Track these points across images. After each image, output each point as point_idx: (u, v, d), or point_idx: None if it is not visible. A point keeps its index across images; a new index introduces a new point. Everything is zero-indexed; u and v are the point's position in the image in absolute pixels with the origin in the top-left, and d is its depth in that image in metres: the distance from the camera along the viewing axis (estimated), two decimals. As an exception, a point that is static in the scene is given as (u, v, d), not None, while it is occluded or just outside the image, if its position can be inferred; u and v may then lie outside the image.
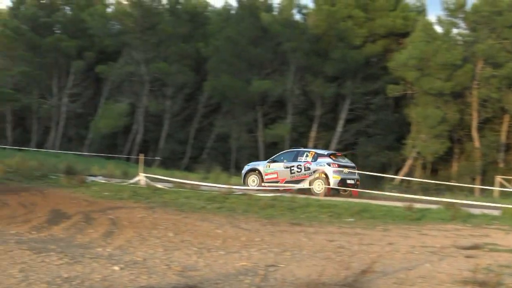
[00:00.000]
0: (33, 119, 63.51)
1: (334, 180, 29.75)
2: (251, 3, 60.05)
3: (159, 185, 28.67)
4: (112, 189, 26.41)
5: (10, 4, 69.87)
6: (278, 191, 29.58)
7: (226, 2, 63.75)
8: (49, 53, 61.22)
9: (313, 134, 57.13)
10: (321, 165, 29.97)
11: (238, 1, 61.12)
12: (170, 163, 54.10)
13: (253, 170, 31.69)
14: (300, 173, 30.24)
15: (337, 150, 47.29)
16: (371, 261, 12.37)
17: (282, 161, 31.09)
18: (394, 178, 47.55)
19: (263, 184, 30.97)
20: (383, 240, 16.63)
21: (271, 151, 56.01)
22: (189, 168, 55.06)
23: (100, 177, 32.59)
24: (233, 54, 57.39)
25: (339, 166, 30.27)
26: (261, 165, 31.81)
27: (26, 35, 61.54)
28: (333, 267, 12.09)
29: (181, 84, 60.36)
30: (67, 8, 66.79)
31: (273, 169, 31.04)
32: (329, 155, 30.81)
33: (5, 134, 62.94)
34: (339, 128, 57.33)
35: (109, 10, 65.67)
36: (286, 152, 32.98)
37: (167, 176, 33.41)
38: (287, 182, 30.46)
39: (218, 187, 29.26)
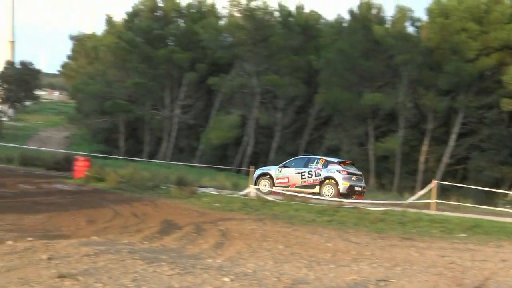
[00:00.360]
0: (146, 130, 64.75)
1: (343, 186, 30.49)
2: (363, 15, 59.58)
3: (269, 197, 28.63)
4: (223, 200, 26.54)
5: (125, 17, 71.66)
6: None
7: (338, 15, 63.12)
8: (162, 65, 62.38)
9: (424, 148, 56.08)
10: (331, 172, 30.73)
11: (351, 13, 60.76)
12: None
13: (264, 174, 32.20)
14: (310, 179, 30.99)
15: (449, 164, 46.10)
16: (484, 277, 11.96)
17: (293, 166, 31.78)
18: (507, 194, 46.11)
19: (274, 188, 31.49)
20: (496, 257, 16.09)
21: (381, 165, 55.36)
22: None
23: (211, 188, 32.77)
24: (344, 67, 57.01)
25: (348, 173, 30.96)
26: (272, 170, 32.35)
27: (140, 47, 62.91)
28: (445, 283, 11.73)
29: (292, 96, 60.37)
30: (181, 20, 67.96)
31: (284, 174, 31.66)
32: (339, 163, 31.55)
33: (118, 144, 64.39)
34: (451, 142, 56.03)
35: (221, 22, 66.47)
36: (297, 158, 33.95)
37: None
38: (297, 187, 31.12)
39: (329, 200, 29.04)
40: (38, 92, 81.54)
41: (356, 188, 31.05)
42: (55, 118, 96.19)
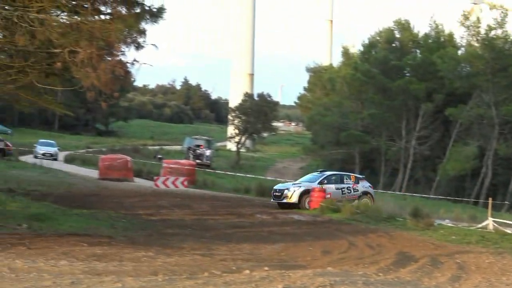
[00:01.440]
0: (381, 161, 64.57)
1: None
2: None
3: (508, 231, 27.44)
4: (459, 233, 25.84)
5: (361, 48, 72.24)
6: None
7: None
8: (398, 95, 62.12)
9: None
10: (365, 188, 34.66)
11: None
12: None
13: (307, 191, 32.95)
14: (350, 194, 33.78)
15: None
16: None
17: (331, 183, 33.77)
18: None
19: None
20: None
21: None
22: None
23: (447, 220, 32.04)
24: None
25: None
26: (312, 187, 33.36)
27: (376, 78, 63.06)
28: None
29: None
30: (417, 51, 67.43)
31: (326, 190, 33.13)
32: (363, 179, 35.77)
33: (354, 175, 64.73)
34: None
35: (459, 52, 65.15)
36: (330, 175, 35.10)
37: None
38: (337, 201, 32.55)
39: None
40: (275, 124, 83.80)
41: None
42: (291, 149, 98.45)
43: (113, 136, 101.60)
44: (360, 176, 36.28)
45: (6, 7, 14.72)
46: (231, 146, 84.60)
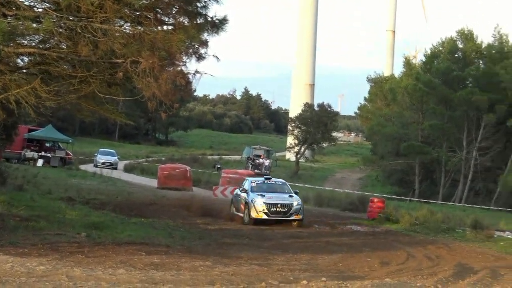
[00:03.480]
0: (441, 172, 63.92)
1: None
2: None
3: None
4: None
5: (423, 59, 71.73)
6: None
7: None
8: (460, 106, 61.44)
9: None
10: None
11: None
12: None
13: None
14: None
15: None
16: None
17: None
18: None
19: None
20: None
21: None
22: None
23: (508, 232, 31.56)
24: None
25: None
26: None
27: (438, 88, 62.47)
28: None
29: None
30: (480, 61, 66.66)
31: None
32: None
33: (413, 186, 64.20)
34: None
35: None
36: None
37: None
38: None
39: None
40: (334, 134, 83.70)
41: None
42: (351, 160, 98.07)
43: (173, 146, 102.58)
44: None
45: (70, 18, 15.01)
46: (290, 156, 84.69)
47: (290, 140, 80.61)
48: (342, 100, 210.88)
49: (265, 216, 28.02)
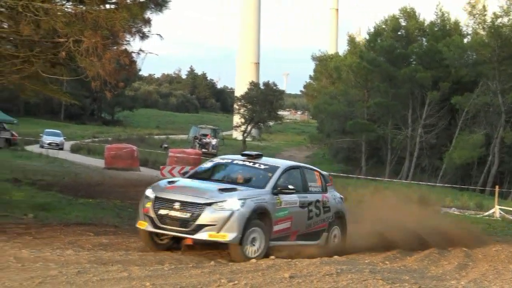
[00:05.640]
0: (387, 150, 64.56)
1: None
2: None
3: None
4: (467, 221, 25.84)
5: (367, 37, 72.15)
6: None
7: None
8: (404, 84, 62.06)
9: None
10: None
11: None
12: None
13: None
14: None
15: None
16: None
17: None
18: None
19: None
20: None
21: None
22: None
23: (454, 208, 32.07)
24: None
25: None
26: None
27: (382, 66, 63.01)
28: None
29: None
30: (423, 39, 67.30)
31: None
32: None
33: (360, 163, 64.71)
34: None
35: (465, 40, 64.95)
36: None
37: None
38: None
39: None
40: (281, 113, 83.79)
41: None
42: (297, 138, 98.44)
43: (119, 126, 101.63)
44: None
45: (11, -3, 14.69)
46: (237, 135, 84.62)
47: (237, 119, 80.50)
48: (287, 79, 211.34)
49: (149, 226, 14.07)
